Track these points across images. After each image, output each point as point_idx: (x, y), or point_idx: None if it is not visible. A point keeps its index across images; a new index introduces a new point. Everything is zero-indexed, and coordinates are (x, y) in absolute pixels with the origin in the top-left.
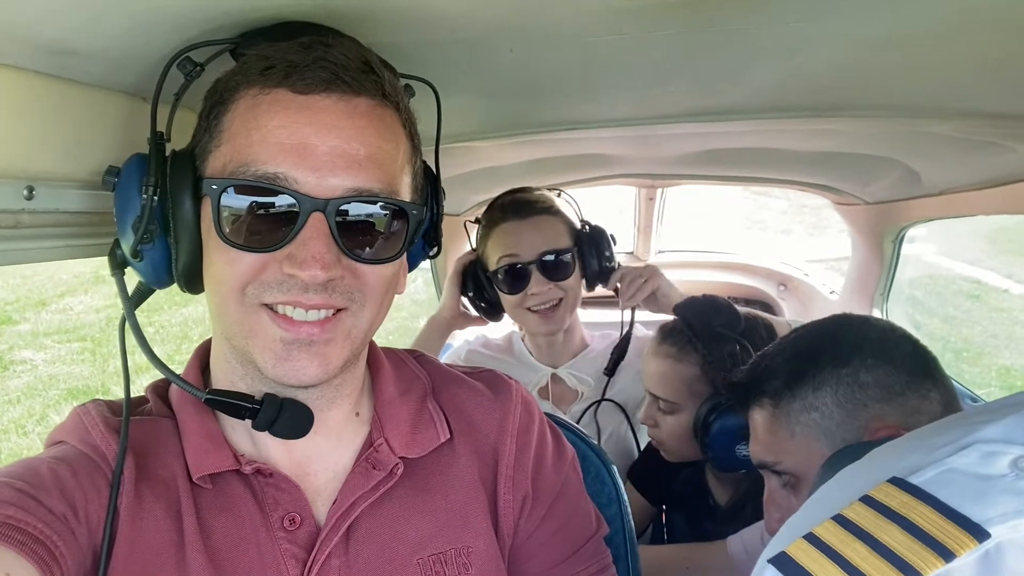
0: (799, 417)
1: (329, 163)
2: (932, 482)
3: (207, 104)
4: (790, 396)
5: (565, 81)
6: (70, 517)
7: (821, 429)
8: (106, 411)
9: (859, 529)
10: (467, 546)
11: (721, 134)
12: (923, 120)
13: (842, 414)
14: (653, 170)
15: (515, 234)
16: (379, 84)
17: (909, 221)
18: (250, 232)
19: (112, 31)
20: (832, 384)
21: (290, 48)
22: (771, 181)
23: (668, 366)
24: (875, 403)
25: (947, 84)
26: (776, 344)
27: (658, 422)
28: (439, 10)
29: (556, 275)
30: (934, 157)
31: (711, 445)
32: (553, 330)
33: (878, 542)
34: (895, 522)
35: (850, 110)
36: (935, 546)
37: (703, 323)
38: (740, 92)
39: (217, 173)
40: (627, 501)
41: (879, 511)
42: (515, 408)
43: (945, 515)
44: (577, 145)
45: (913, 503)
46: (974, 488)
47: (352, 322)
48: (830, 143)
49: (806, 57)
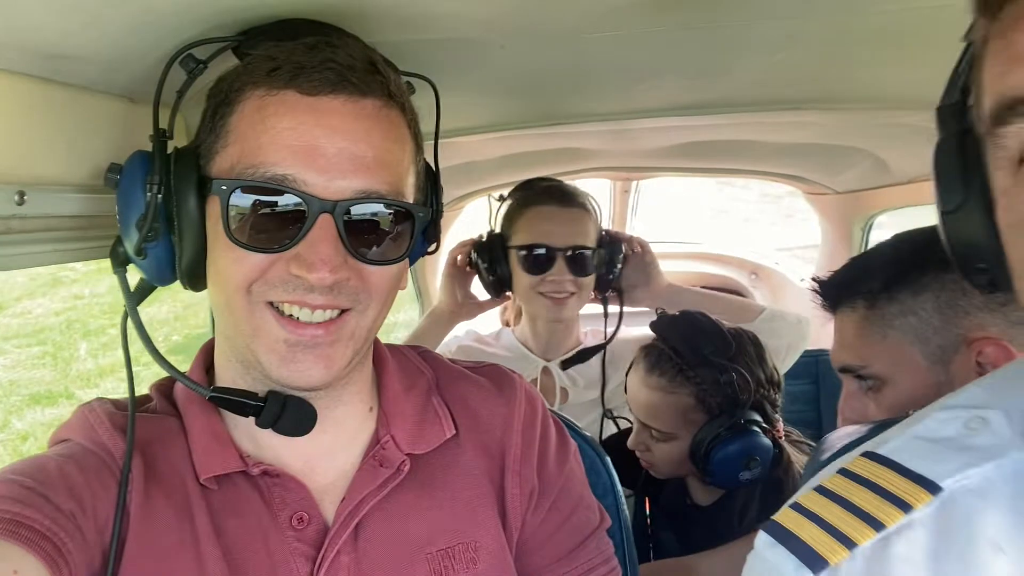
0: (894, 321)
1: (338, 165)
2: (896, 450)
3: (211, 103)
4: (887, 298)
5: (555, 77)
6: (78, 514)
7: (917, 334)
8: (112, 409)
9: (834, 495)
10: (475, 540)
11: (699, 127)
12: (893, 111)
13: (942, 320)
14: (630, 163)
15: (553, 220)
16: (385, 85)
17: (878, 209)
18: (258, 232)
19: (107, 34)
20: (935, 289)
21: (295, 49)
22: (745, 172)
23: (659, 398)
24: (977, 311)
25: (916, 76)
26: (875, 247)
27: (650, 447)
28: (439, 8)
29: (578, 270)
30: (902, 147)
31: (714, 473)
32: (560, 317)
33: (850, 503)
34: (864, 486)
35: (824, 102)
36: (896, 501)
37: (692, 349)
38: (722, 87)
39: (225, 173)
40: (622, 492)
41: (851, 479)
42: (520, 403)
43: (904, 475)
44: (557, 139)
45: (879, 470)
46: (929, 450)
47: (356, 323)
48: (803, 135)
49: (786, 53)
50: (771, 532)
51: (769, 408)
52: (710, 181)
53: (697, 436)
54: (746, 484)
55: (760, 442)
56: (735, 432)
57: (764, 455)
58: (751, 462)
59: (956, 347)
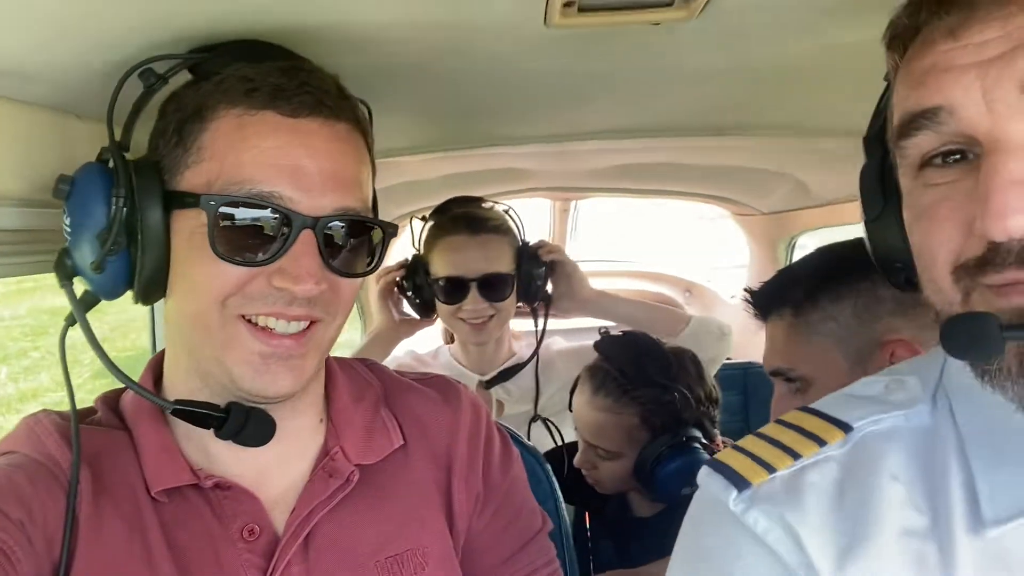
0: (818, 326)
1: (320, 183)
2: (824, 404)
3: (173, 118)
4: (811, 306)
5: (494, 101)
6: (27, 523)
7: (837, 337)
8: (59, 420)
9: (766, 436)
10: (423, 546)
11: (633, 150)
12: (813, 138)
13: (858, 324)
14: (569, 183)
15: (462, 250)
16: (353, 110)
17: (799, 230)
18: (242, 246)
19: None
20: (852, 296)
21: (270, 71)
22: (678, 194)
23: (605, 418)
24: (890, 316)
25: (834, 106)
26: (799, 260)
27: (596, 465)
28: (386, 35)
29: (493, 296)
30: (821, 171)
31: (657, 489)
32: (482, 341)
33: (777, 440)
34: (791, 429)
35: (749, 129)
36: (813, 437)
37: (636, 370)
38: (654, 113)
39: (201, 188)
40: (561, 498)
41: (782, 424)
42: (465, 411)
43: (825, 419)
44: (497, 160)
45: (806, 417)
46: (851, 403)
47: (323, 333)
48: (731, 159)
49: (714, 83)
50: (710, 465)
51: (708, 424)
52: (648, 204)
53: (641, 454)
54: (686, 499)
55: (701, 458)
56: (678, 450)
57: None
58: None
59: (872, 349)
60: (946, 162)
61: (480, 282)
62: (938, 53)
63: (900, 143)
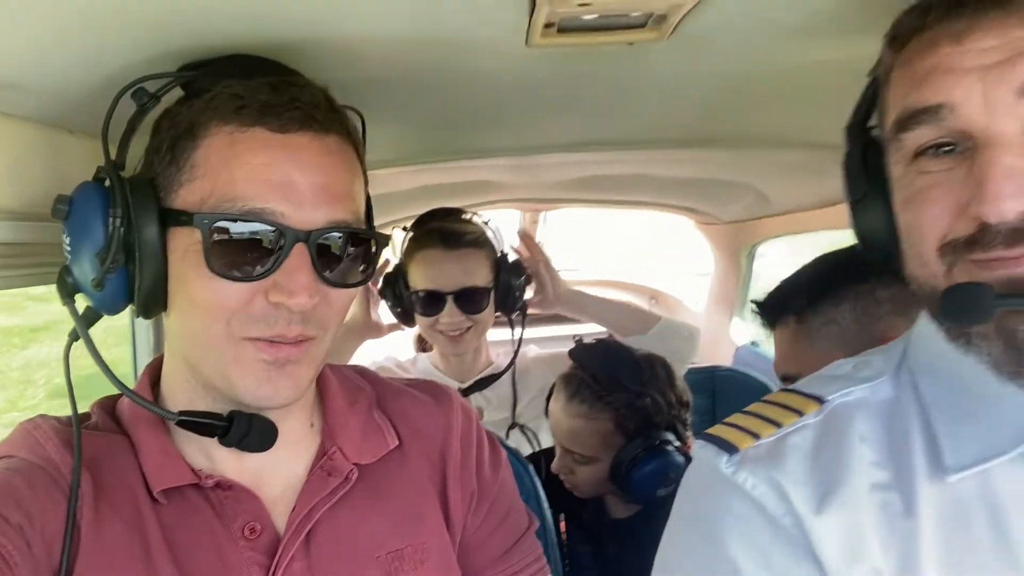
0: (820, 331)
1: (311, 198)
2: (803, 384)
3: (166, 135)
4: (812, 312)
5: (473, 114)
6: (26, 527)
7: (840, 340)
8: (57, 424)
9: (751, 412)
10: (422, 542)
11: (600, 162)
12: (773, 150)
13: (859, 326)
14: (537, 195)
15: (439, 264)
16: (343, 123)
17: (760, 238)
18: (237, 263)
19: (52, 67)
20: (852, 299)
21: (260, 88)
22: (643, 204)
23: (581, 424)
24: (887, 315)
25: (794, 119)
26: (799, 269)
27: (573, 471)
28: (372, 50)
29: (470, 309)
30: (781, 181)
31: (633, 491)
32: (460, 352)
33: (761, 415)
34: (774, 404)
35: (712, 142)
36: (793, 410)
37: (609, 377)
38: (620, 126)
39: (195, 206)
40: (544, 497)
41: (766, 402)
42: (457, 413)
43: (802, 395)
44: (470, 172)
45: (787, 395)
46: (825, 381)
47: (318, 349)
48: (694, 170)
49: (678, 98)
50: (703, 438)
51: (680, 427)
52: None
53: (617, 458)
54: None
55: (674, 460)
56: (652, 452)
57: (678, 471)
58: (667, 479)
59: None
60: (939, 153)
61: (457, 295)
62: (942, 55)
63: (898, 135)
